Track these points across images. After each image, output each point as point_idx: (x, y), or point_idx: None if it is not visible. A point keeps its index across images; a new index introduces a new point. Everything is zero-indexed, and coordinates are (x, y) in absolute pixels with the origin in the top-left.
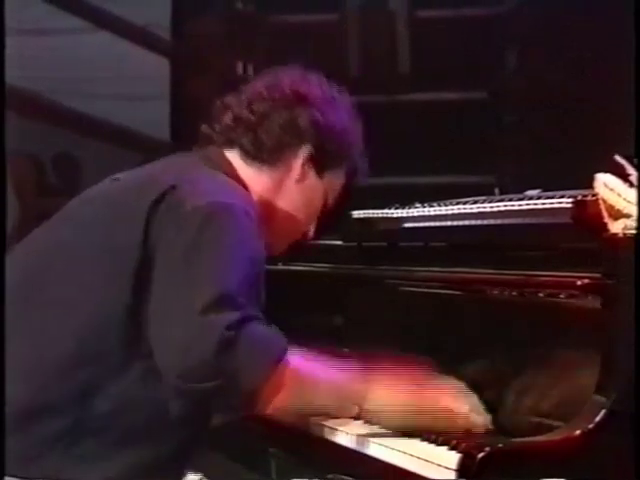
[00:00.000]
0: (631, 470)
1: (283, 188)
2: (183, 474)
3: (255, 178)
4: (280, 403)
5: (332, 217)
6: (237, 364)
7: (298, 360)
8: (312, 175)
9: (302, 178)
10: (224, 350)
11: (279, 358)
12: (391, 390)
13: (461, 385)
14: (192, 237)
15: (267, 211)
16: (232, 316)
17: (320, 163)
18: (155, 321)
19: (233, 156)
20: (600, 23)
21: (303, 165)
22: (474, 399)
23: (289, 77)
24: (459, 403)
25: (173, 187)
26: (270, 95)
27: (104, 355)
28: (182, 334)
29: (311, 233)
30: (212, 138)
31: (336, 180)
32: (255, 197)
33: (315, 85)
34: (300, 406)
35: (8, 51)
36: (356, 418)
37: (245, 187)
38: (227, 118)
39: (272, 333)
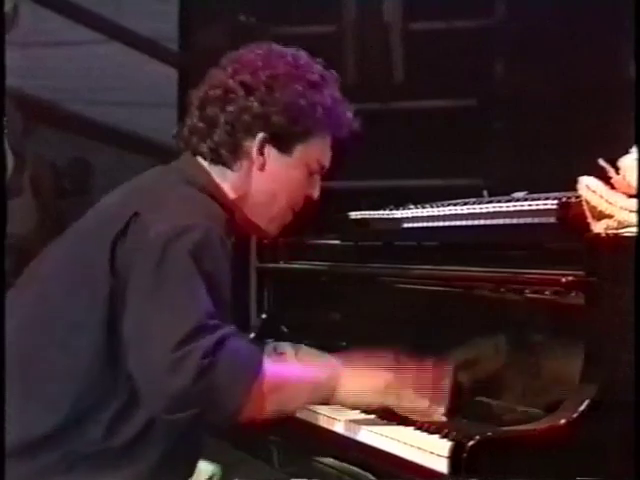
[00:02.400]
0: (613, 456)
1: (252, 180)
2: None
3: (225, 180)
4: (261, 412)
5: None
6: (216, 388)
7: (271, 368)
8: (276, 156)
9: (263, 165)
10: (201, 378)
11: (256, 373)
12: (359, 377)
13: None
14: (156, 265)
15: (247, 206)
16: (207, 342)
17: (281, 143)
18: (132, 357)
19: (203, 162)
20: (583, 34)
21: (260, 152)
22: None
23: (238, 63)
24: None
25: (136, 214)
26: (215, 94)
27: (92, 385)
28: (159, 370)
29: (315, 194)
30: (184, 143)
31: (312, 150)
32: (231, 197)
33: (263, 68)
34: (279, 409)
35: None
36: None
37: (219, 191)
38: (186, 127)
39: (246, 347)
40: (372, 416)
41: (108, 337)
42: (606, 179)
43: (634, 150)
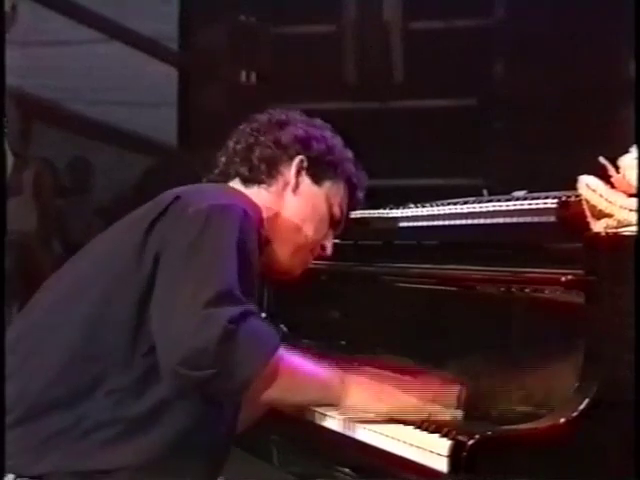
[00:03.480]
0: (613, 455)
1: (284, 201)
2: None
3: (257, 199)
4: (270, 394)
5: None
6: (235, 355)
7: (288, 356)
8: (308, 183)
9: (297, 187)
10: (225, 341)
11: (273, 352)
12: (369, 389)
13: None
14: (194, 237)
15: (276, 230)
16: (233, 310)
17: (314, 172)
18: (158, 314)
19: (236, 185)
20: (583, 34)
21: (296, 174)
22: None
23: (271, 115)
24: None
25: (177, 197)
26: (253, 129)
27: (108, 351)
28: (185, 325)
29: (329, 248)
30: (214, 178)
31: (337, 190)
32: (263, 214)
33: (294, 115)
34: (287, 398)
35: (28, 62)
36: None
37: (253, 202)
38: (222, 158)
39: (268, 328)
40: (372, 415)
41: (135, 311)
42: (606, 178)
43: (634, 149)
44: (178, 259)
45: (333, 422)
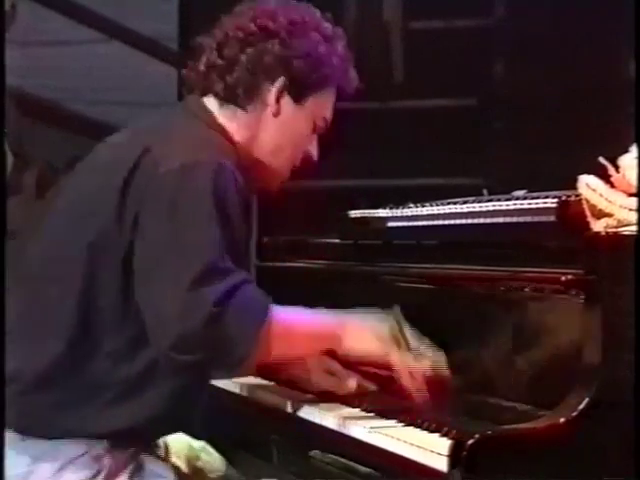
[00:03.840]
0: (613, 455)
1: (262, 124)
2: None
3: (234, 121)
4: (268, 356)
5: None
6: (225, 336)
7: (279, 314)
8: (289, 106)
9: (278, 111)
10: (212, 324)
11: (263, 319)
12: (365, 325)
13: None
14: (168, 204)
15: (252, 151)
16: (218, 289)
17: (296, 92)
18: (143, 295)
19: (210, 103)
20: (583, 34)
21: (277, 99)
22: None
23: (256, 10)
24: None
25: (146, 150)
26: (236, 35)
27: (102, 316)
28: (171, 309)
29: (314, 154)
30: (192, 86)
31: (322, 103)
32: (237, 139)
33: (282, 15)
34: (286, 355)
35: (27, 62)
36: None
37: (224, 132)
38: (201, 64)
39: (255, 295)
40: (372, 414)
41: (121, 273)
42: (606, 177)
43: (634, 149)
44: (156, 230)
45: (332, 420)
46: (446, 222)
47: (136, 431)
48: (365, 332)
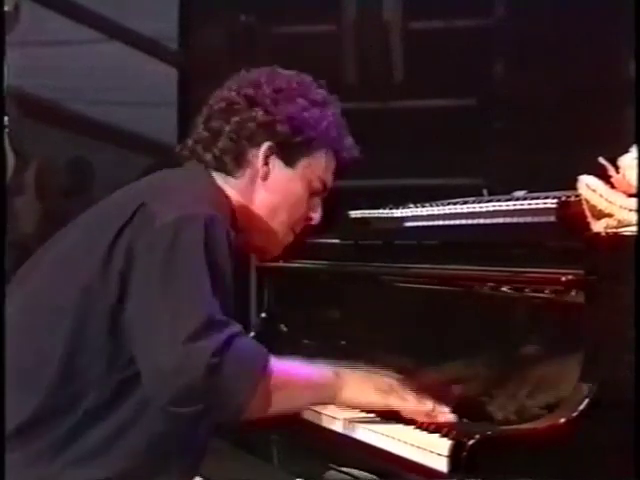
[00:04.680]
0: (613, 455)
1: (254, 190)
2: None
3: (226, 186)
4: (266, 410)
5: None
6: (223, 387)
7: (278, 366)
8: (279, 169)
9: (266, 175)
10: (210, 376)
11: (262, 371)
12: (363, 379)
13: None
14: (163, 256)
15: (249, 216)
16: (216, 341)
17: (285, 155)
18: (139, 348)
19: (202, 171)
20: (583, 34)
21: (265, 162)
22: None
23: (241, 80)
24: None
25: (143, 204)
26: (220, 107)
27: (85, 370)
28: (167, 363)
29: (316, 217)
30: (185, 160)
31: (315, 165)
32: (234, 204)
33: (266, 83)
34: (284, 408)
35: (28, 62)
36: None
37: (223, 192)
38: (190, 140)
39: (252, 348)
40: (372, 415)
41: (106, 326)
42: (606, 178)
43: (634, 149)
44: (151, 282)
45: (333, 422)
46: (446, 222)
47: None
48: (364, 383)
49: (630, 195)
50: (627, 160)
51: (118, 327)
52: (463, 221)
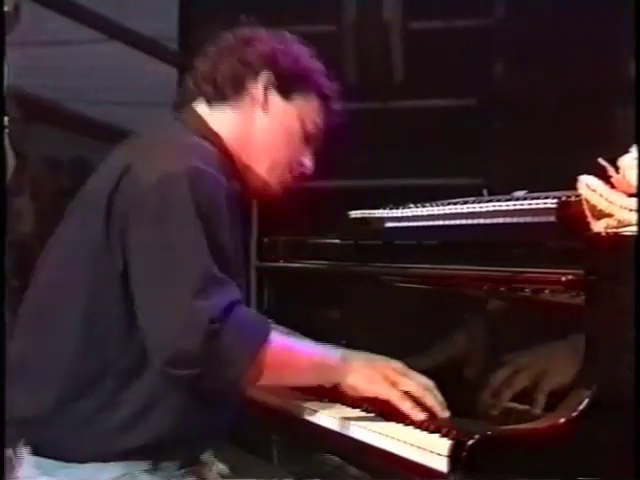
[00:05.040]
0: (613, 455)
1: (254, 121)
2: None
3: (225, 121)
4: (263, 381)
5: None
6: (222, 353)
7: (278, 339)
8: (277, 99)
9: (267, 104)
10: (209, 341)
11: (262, 341)
12: (369, 370)
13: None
14: (152, 219)
15: (247, 149)
16: (216, 304)
17: (283, 87)
18: (141, 314)
19: (201, 108)
20: (583, 34)
21: (265, 92)
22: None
23: (236, 33)
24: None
25: (128, 166)
26: (219, 48)
27: (107, 339)
28: (171, 324)
29: (309, 164)
30: (183, 98)
31: (309, 105)
32: (230, 140)
33: (261, 31)
34: (280, 383)
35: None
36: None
37: (216, 137)
38: (188, 80)
39: (254, 316)
40: (372, 414)
41: (120, 295)
42: (606, 178)
43: (634, 149)
44: (144, 247)
45: (333, 421)
46: (446, 222)
47: (150, 449)
48: (371, 371)
49: (630, 195)
50: (627, 160)
51: (129, 293)
52: (463, 221)
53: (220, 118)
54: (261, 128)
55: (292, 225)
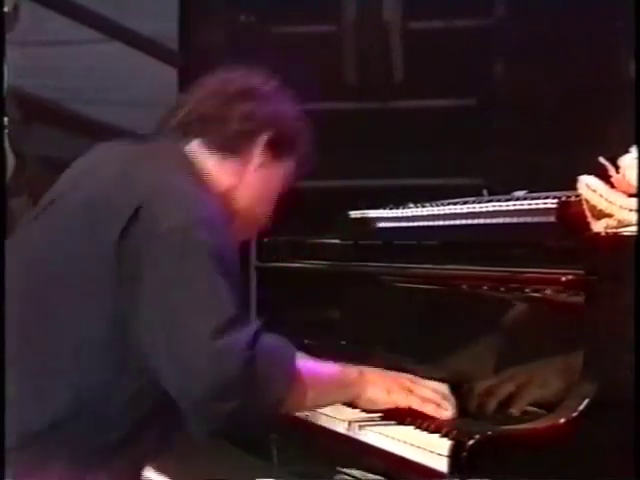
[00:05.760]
0: (613, 455)
1: (245, 176)
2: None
3: (218, 168)
4: (297, 406)
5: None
6: (260, 379)
7: (304, 362)
8: (271, 161)
9: (261, 165)
10: (247, 368)
11: (294, 366)
12: (386, 381)
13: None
14: (178, 258)
15: (231, 199)
16: (245, 334)
17: (278, 149)
18: (163, 351)
19: (193, 148)
20: (583, 34)
21: (262, 152)
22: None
23: (237, 74)
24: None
25: (141, 207)
26: (225, 90)
27: (93, 373)
28: (201, 359)
29: (271, 214)
30: (165, 133)
31: (290, 168)
32: (219, 187)
33: (262, 79)
34: (313, 406)
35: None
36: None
37: (211, 181)
38: (183, 113)
39: (280, 342)
40: (372, 415)
41: (116, 336)
42: (606, 178)
43: (634, 149)
44: (167, 287)
45: (332, 422)
46: (446, 222)
47: None
48: (388, 382)
49: (630, 195)
50: (627, 160)
51: (126, 331)
52: (463, 221)
53: (214, 163)
54: (249, 185)
55: (292, 225)
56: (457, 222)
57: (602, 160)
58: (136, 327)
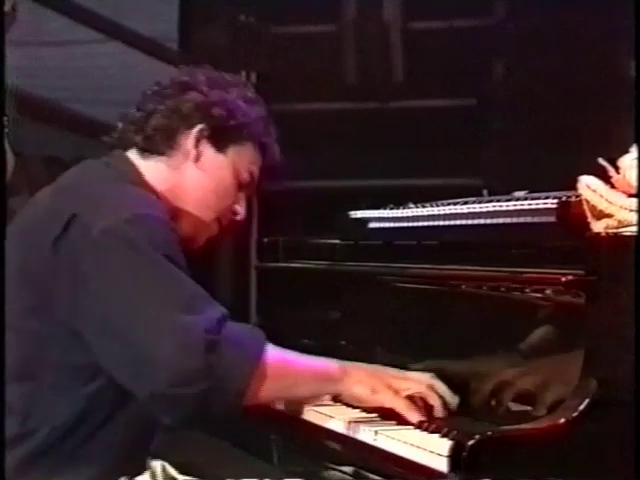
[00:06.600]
0: (613, 455)
1: (185, 173)
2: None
3: (156, 172)
4: (264, 395)
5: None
6: (224, 365)
7: (276, 352)
8: (210, 152)
9: (198, 157)
10: (208, 353)
11: (260, 353)
12: (370, 373)
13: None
14: (117, 260)
15: (177, 202)
16: (209, 317)
17: (217, 139)
18: (126, 345)
19: (133, 156)
20: (583, 34)
21: (196, 145)
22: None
23: (172, 74)
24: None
25: (74, 216)
26: (153, 92)
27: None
28: (162, 344)
29: (241, 212)
30: (113, 144)
31: (244, 155)
32: (162, 192)
33: (198, 74)
34: (283, 395)
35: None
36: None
37: (149, 187)
38: (119, 124)
39: (248, 329)
40: (372, 415)
41: (63, 347)
42: (606, 178)
43: (634, 149)
44: (108, 289)
45: (333, 422)
46: (446, 222)
47: None
48: (373, 381)
49: (630, 195)
50: (627, 160)
51: (75, 341)
52: (463, 221)
53: (151, 166)
54: (192, 182)
55: (292, 225)
56: (457, 222)
57: (602, 160)
58: (87, 333)
